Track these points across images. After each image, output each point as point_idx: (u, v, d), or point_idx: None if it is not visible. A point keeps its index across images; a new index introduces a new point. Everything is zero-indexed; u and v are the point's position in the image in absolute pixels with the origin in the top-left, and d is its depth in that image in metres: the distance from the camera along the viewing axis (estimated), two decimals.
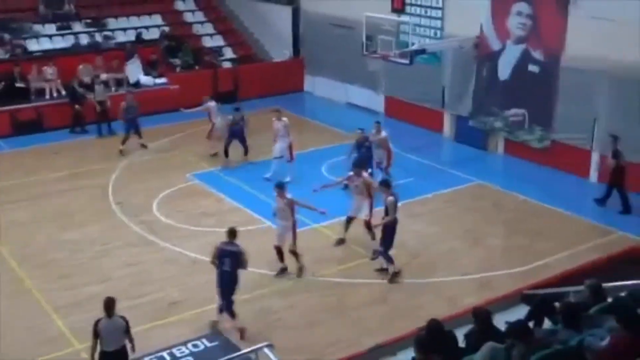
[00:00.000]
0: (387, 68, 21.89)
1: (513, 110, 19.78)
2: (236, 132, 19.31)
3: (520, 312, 10.34)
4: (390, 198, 13.28)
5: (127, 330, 9.76)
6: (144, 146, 20.95)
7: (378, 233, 13.87)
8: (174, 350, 11.18)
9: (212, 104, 20.43)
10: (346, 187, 16.38)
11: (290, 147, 18.29)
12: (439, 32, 21.76)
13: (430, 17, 21.94)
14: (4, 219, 16.29)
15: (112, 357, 9.69)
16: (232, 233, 11.79)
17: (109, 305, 9.66)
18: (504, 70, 19.96)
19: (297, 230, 13.71)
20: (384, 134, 17.57)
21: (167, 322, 12.19)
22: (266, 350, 9.51)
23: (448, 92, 21.91)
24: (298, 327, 12.05)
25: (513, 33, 19.60)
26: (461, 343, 8.71)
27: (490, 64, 20.32)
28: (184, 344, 11.36)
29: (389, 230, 13.37)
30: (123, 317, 9.82)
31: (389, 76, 23.29)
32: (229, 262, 11.57)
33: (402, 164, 19.63)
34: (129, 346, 9.92)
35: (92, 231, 15.65)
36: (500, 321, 8.97)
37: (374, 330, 11.76)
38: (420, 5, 22.14)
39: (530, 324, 9.45)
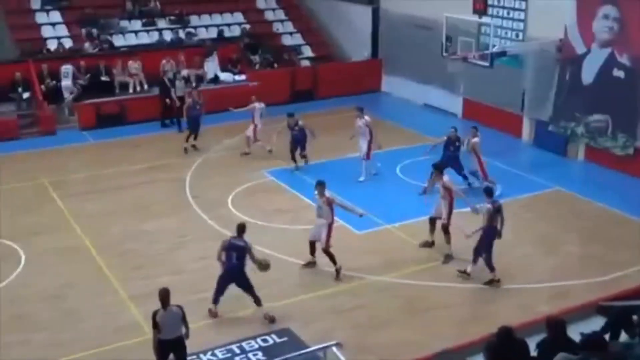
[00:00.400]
0: (467, 70, 21.61)
1: (596, 116, 19.23)
2: (297, 138, 19.01)
3: (595, 323, 10.09)
4: (488, 206, 13.04)
5: (183, 318, 10.00)
6: (194, 147, 20.73)
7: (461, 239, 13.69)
8: (244, 344, 11.32)
9: (258, 105, 20.12)
10: (424, 192, 16.38)
11: (369, 146, 18.18)
12: (520, 34, 21.36)
13: (512, 19, 21.56)
14: (85, 208, 16.84)
15: (171, 345, 9.97)
16: (241, 228, 12.09)
17: (164, 296, 9.94)
18: (588, 74, 19.42)
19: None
20: (476, 139, 17.31)
21: (237, 316, 12.33)
22: (334, 349, 9.54)
23: (528, 95, 21.48)
24: (367, 327, 12.02)
25: (598, 37, 19.05)
26: (533, 352, 8.55)
27: (573, 67, 19.81)
28: (254, 338, 11.48)
29: (485, 238, 13.12)
30: (178, 306, 10.05)
31: (467, 78, 23.01)
32: (235, 256, 11.89)
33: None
34: (184, 332, 10.11)
35: (168, 223, 15.99)
36: (574, 332, 8.77)
37: (444, 334, 11.63)
38: (503, 7, 21.79)
39: (606, 337, 9.22)
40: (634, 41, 18.16)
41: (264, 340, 11.46)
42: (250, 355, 11.10)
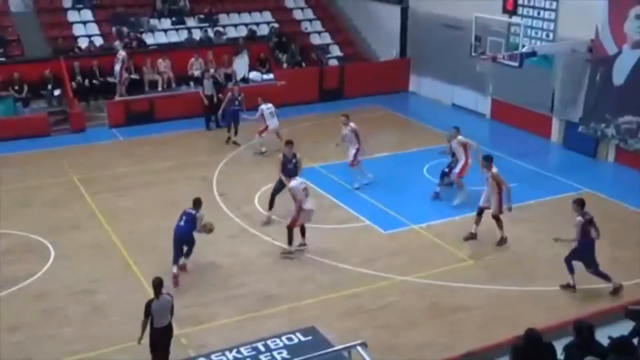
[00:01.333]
0: (495, 70, 21.46)
1: (626, 117, 18.98)
2: (291, 172, 18.64)
3: (623, 327, 9.94)
4: (579, 219, 12.82)
5: (172, 306, 10.40)
6: (235, 143, 21.03)
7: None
8: (269, 342, 11.35)
9: (264, 106, 20.10)
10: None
11: (356, 154, 17.64)
12: (551, 35, 21.17)
13: (542, 19, 21.38)
14: (114, 204, 17.02)
15: (162, 332, 10.41)
16: (197, 202, 13.82)
17: (156, 285, 10.36)
18: (619, 75, 19.19)
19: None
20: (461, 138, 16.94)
21: (263, 314, 12.39)
22: (359, 348, 9.51)
23: (558, 96, 21.28)
24: (392, 327, 12.00)
25: (631, 37, 18.81)
26: (560, 355, 8.48)
27: (604, 68, 19.58)
28: (279, 336, 11.52)
29: (584, 254, 12.93)
30: (169, 294, 10.45)
31: (496, 78, 22.86)
32: (184, 219, 13.61)
33: (507, 168, 19.18)
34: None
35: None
36: (602, 336, 8.67)
37: (470, 335, 11.58)
38: (533, 7, 21.61)
39: (635, 341, 9.11)
40: None
41: (289, 339, 11.48)
42: (274, 353, 11.13)
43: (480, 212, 14.94)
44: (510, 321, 11.80)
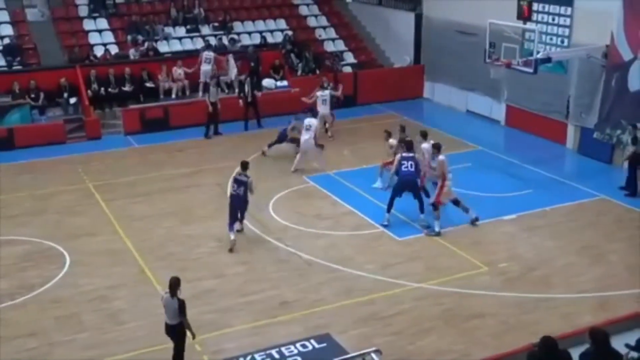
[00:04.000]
0: (510, 76, 21.42)
1: None
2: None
3: None
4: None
5: (180, 313, 10.42)
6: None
7: None
8: (283, 349, 11.34)
9: (320, 92, 21.53)
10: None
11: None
12: (565, 41, 21.10)
13: (557, 25, 21.31)
14: (129, 211, 17.09)
15: (170, 329, 10.62)
16: (244, 166, 15.21)
17: (172, 285, 10.45)
18: (635, 81, 19.07)
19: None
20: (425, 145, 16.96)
21: (278, 321, 12.39)
22: (373, 355, 9.50)
23: (573, 102, 21.18)
24: (406, 334, 11.97)
25: None
26: None
27: (619, 74, 19.47)
28: (293, 343, 11.51)
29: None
30: (180, 300, 10.43)
31: (511, 85, 22.80)
32: (239, 187, 14.93)
33: (522, 175, 19.21)
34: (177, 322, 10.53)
35: (209, 227, 16.12)
36: (619, 343, 8.61)
37: (485, 342, 11.54)
38: (548, 13, 21.54)
39: None
40: None
41: (303, 346, 11.47)
42: None
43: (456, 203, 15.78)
44: (526, 328, 11.75)
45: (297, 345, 11.47)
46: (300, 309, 12.75)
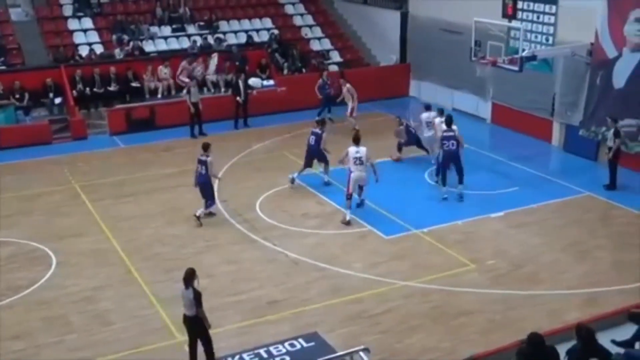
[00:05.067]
0: (496, 74, 21.49)
1: (627, 121, 18.95)
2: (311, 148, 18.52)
3: (627, 331, 9.94)
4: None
5: (196, 304, 10.50)
6: (331, 120, 22.51)
7: None
8: (271, 349, 11.34)
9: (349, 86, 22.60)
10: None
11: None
12: (550, 39, 21.20)
13: (542, 23, 21.40)
14: (115, 211, 17.03)
15: (188, 321, 10.71)
16: (205, 147, 16.05)
17: (186, 277, 10.63)
18: (619, 78, 19.20)
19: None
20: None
21: (266, 320, 12.38)
22: (362, 354, 9.53)
23: (558, 100, 21.27)
24: (394, 332, 11.99)
25: (631, 40, 18.82)
26: (562, 359, 8.47)
27: (604, 72, 19.59)
28: (282, 342, 11.51)
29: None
30: (196, 291, 10.53)
31: (496, 83, 22.87)
32: (205, 168, 15.89)
33: (508, 173, 19.28)
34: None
35: (196, 227, 16.09)
36: (606, 339, 8.67)
37: (472, 340, 11.57)
38: (532, 11, 21.63)
39: (637, 345, 9.11)
40: None
41: (292, 345, 11.47)
42: (277, 359, 11.13)
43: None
44: (513, 325, 11.80)
45: (286, 344, 11.47)
46: (288, 308, 12.74)
